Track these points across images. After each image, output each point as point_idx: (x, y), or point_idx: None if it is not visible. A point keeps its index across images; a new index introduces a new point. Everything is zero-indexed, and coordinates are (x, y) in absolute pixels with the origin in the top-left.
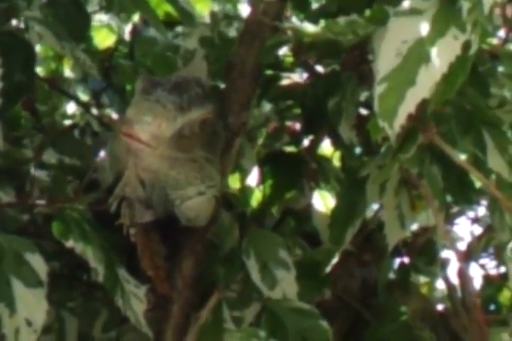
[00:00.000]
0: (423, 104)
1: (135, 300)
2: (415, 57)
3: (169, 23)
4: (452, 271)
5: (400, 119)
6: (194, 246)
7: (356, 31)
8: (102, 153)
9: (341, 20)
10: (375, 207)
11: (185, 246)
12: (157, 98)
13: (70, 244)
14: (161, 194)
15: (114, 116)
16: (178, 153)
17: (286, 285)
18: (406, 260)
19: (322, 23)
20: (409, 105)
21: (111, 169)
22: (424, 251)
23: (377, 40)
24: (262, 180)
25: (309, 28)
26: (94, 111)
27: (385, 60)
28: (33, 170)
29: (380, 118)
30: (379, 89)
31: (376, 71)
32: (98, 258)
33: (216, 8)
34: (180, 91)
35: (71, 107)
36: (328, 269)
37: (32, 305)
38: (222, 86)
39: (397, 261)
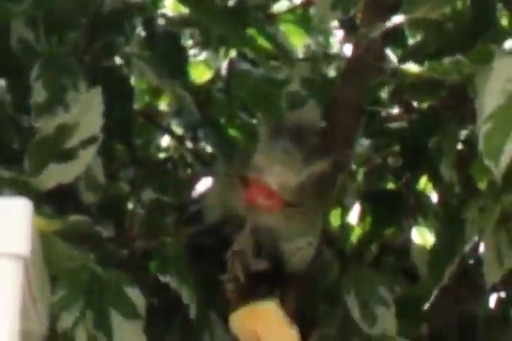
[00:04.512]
0: None
1: None
2: None
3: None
4: None
5: (506, 158)
6: (296, 282)
7: (461, 71)
8: (198, 187)
9: (446, 60)
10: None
11: (287, 283)
12: (285, 148)
13: (166, 279)
14: (272, 246)
15: (209, 149)
16: (294, 207)
17: (386, 322)
18: (503, 294)
19: (426, 63)
20: None
21: (218, 209)
22: None
23: (480, 78)
24: (362, 217)
25: (412, 68)
26: (189, 144)
27: (490, 98)
28: (131, 206)
29: (486, 157)
30: (484, 128)
31: (480, 110)
32: (191, 296)
33: (309, 41)
34: (302, 141)
35: (165, 140)
36: (426, 305)
37: (129, 336)
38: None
39: (494, 296)
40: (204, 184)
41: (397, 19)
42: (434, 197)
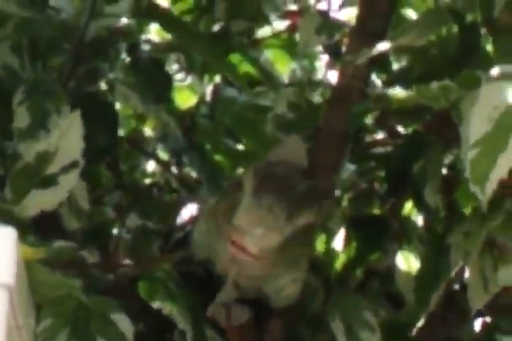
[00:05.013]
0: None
1: None
2: (507, 122)
3: (249, 83)
4: None
5: (492, 185)
6: (280, 310)
7: (448, 96)
8: (183, 213)
9: (433, 85)
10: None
11: (271, 311)
12: (269, 205)
13: (157, 305)
14: (255, 287)
15: (194, 174)
16: (280, 257)
17: None
18: (488, 319)
19: (413, 88)
20: (501, 170)
21: (202, 249)
22: (507, 310)
23: (466, 104)
24: (347, 242)
25: (399, 93)
26: (174, 169)
27: (477, 125)
28: (116, 231)
29: (472, 184)
30: (471, 154)
31: (465, 135)
32: (186, 318)
33: (294, 65)
34: (288, 190)
35: (151, 165)
36: (413, 331)
37: None
38: None
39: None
40: (189, 210)
41: (383, 46)
42: (419, 222)
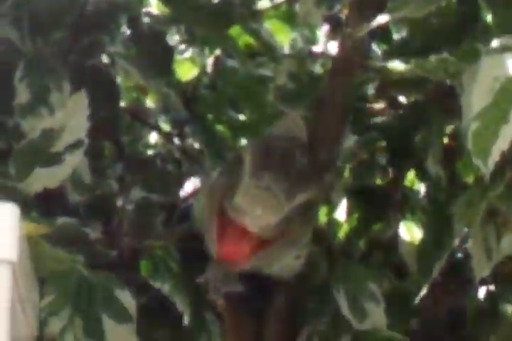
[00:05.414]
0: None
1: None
2: (507, 94)
3: (250, 54)
4: None
5: (494, 157)
6: (284, 282)
7: (447, 69)
8: (187, 186)
9: (432, 58)
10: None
11: (275, 284)
12: (267, 185)
13: (157, 285)
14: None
15: (196, 145)
16: (281, 236)
17: (376, 317)
18: (492, 287)
19: (412, 61)
20: (502, 142)
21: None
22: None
23: (468, 76)
24: (350, 213)
25: (398, 65)
26: (176, 140)
27: (478, 97)
28: (120, 204)
29: (475, 157)
30: (472, 126)
31: (467, 107)
32: (184, 300)
33: (295, 35)
34: (287, 169)
35: (153, 137)
36: (416, 300)
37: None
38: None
39: (484, 288)
40: (192, 182)
41: (382, 19)
42: (421, 192)
